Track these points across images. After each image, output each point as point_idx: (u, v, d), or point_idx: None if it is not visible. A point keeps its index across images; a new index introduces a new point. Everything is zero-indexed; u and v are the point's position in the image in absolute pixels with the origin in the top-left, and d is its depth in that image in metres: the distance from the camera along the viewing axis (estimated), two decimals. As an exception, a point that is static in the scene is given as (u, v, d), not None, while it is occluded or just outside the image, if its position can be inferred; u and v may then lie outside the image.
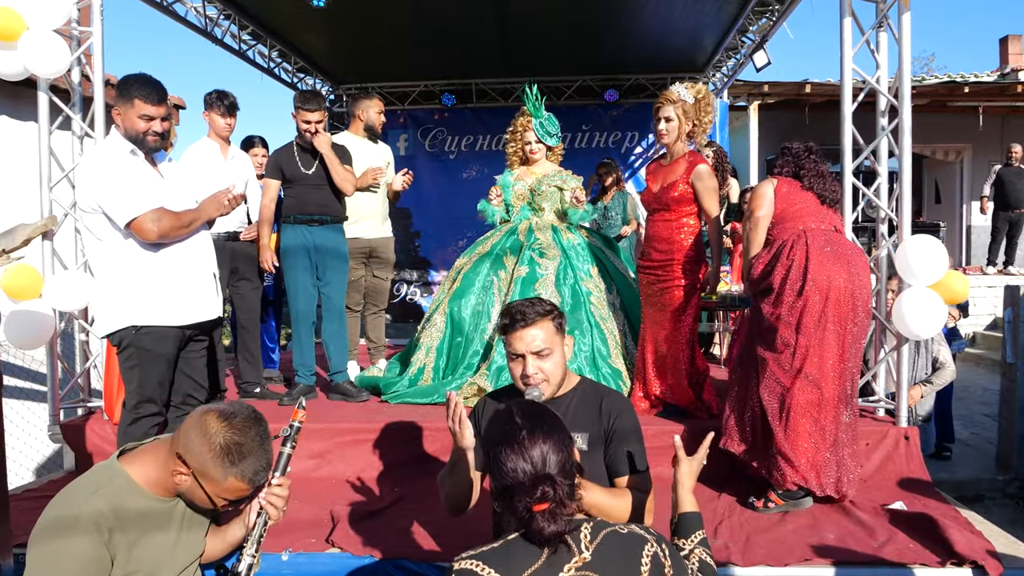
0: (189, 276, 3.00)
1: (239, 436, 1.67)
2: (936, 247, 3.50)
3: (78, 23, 4.06)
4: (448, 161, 8.91)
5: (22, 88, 4.72)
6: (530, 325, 2.06)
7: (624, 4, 6.15)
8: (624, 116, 8.78)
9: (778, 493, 3.14)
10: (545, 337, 2.07)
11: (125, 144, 2.92)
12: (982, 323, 9.23)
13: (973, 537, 2.80)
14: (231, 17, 6.29)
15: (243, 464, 1.66)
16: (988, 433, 5.85)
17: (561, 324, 2.14)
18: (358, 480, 3.57)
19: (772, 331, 3.13)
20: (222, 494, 1.70)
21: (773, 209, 3.27)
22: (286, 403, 4.27)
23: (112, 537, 1.61)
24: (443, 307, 4.47)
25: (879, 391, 3.93)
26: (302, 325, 4.37)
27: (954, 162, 11.78)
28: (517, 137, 4.61)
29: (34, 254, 3.92)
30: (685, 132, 3.79)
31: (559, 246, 4.43)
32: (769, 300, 3.16)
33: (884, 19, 3.86)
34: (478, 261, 4.53)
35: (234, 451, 1.66)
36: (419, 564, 2.72)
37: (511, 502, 1.45)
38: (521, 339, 2.07)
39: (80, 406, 4.14)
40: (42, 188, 4.00)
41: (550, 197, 4.56)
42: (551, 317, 2.11)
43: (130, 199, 2.82)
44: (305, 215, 4.25)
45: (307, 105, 4.16)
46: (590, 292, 4.31)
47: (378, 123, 4.98)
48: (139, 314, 2.91)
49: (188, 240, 3.00)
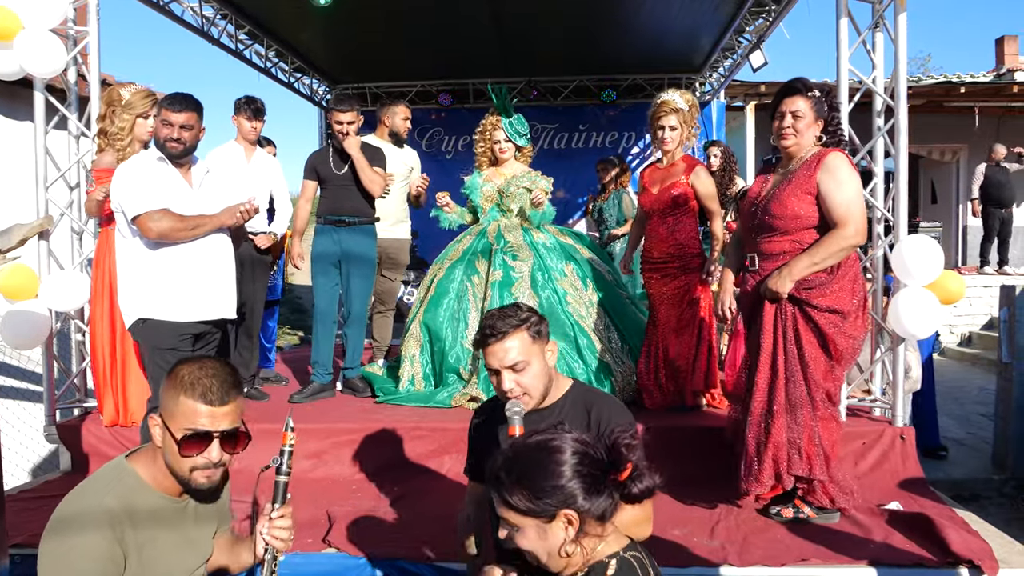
0: (200, 274, 3.11)
1: (196, 369, 1.66)
2: (932, 247, 3.51)
3: (74, 22, 4.05)
4: (445, 161, 8.91)
5: (18, 87, 4.70)
6: (502, 339, 1.95)
7: (621, 4, 6.15)
8: (621, 116, 8.79)
9: (813, 508, 3.02)
10: (520, 349, 1.95)
11: (155, 153, 3.11)
12: (978, 323, 9.26)
13: (969, 537, 2.81)
14: (228, 16, 6.28)
15: (196, 386, 1.63)
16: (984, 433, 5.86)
17: (540, 331, 2.01)
18: (355, 480, 3.57)
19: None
20: (182, 424, 1.63)
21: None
22: (296, 401, 4.29)
23: (125, 535, 1.61)
24: (419, 317, 4.46)
25: (875, 391, 3.93)
26: (321, 324, 4.43)
27: (950, 162, 11.81)
28: (486, 137, 4.56)
29: (30, 254, 3.92)
30: (684, 138, 3.94)
31: (530, 246, 4.42)
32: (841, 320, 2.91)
33: (880, 19, 3.87)
34: (450, 267, 4.51)
35: (187, 377, 1.65)
36: (416, 564, 2.72)
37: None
38: (494, 354, 1.96)
39: (76, 406, 4.13)
40: (38, 188, 3.99)
41: (518, 198, 4.49)
42: (526, 326, 1.98)
43: (139, 197, 2.98)
44: (335, 215, 4.34)
45: (340, 106, 4.28)
46: (566, 292, 4.30)
47: (403, 129, 5.10)
48: (147, 308, 3.05)
49: (204, 240, 3.10)
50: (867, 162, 3.97)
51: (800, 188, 2.85)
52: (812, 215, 2.85)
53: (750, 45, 6.83)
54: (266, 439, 3.64)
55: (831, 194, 2.79)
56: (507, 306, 2.08)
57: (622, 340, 4.29)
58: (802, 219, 2.86)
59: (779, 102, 2.94)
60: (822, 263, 2.81)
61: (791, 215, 2.86)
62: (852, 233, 2.77)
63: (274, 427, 3.71)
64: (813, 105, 2.88)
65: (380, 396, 4.34)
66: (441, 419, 3.85)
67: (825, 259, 2.80)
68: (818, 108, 2.89)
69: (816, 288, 2.83)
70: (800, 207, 2.85)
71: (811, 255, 2.80)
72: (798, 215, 2.85)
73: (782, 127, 2.91)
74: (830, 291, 2.83)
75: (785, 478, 2.93)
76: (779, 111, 2.93)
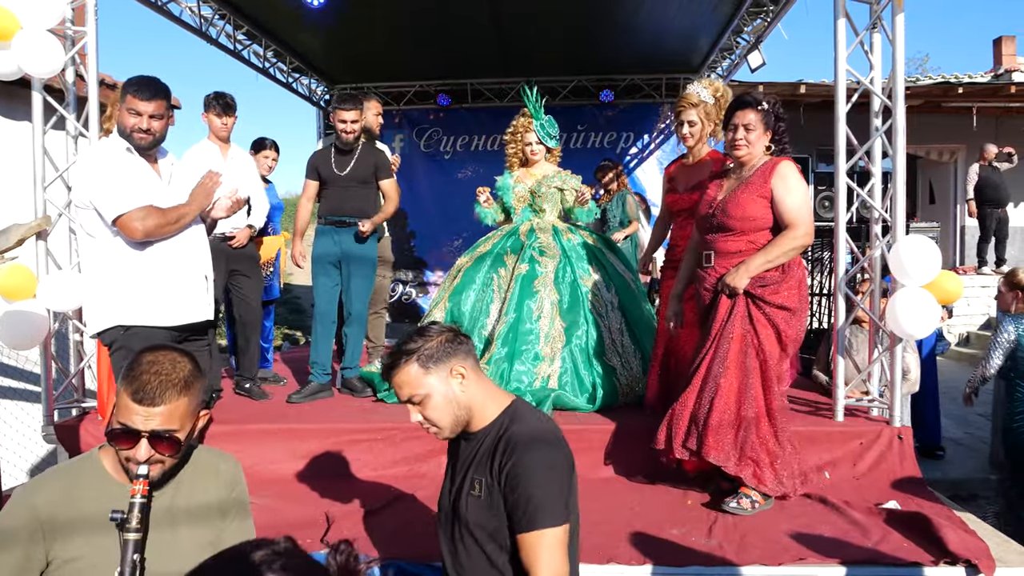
0: (179, 276, 2.99)
1: (147, 363, 1.59)
2: (930, 247, 3.52)
3: (72, 23, 4.05)
4: (444, 161, 8.91)
5: (15, 87, 4.70)
6: (392, 374, 1.82)
7: (620, 5, 6.16)
8: (619, 116, 8.79)
9: (760, 493, 3.11)
10: (411, 382, 1.79)
11: (121, 142, 2.92)
12: (976, 323, 9.28)
13: (967, 536, 2.82)
14: (226, 17, 6.29)
15: (134, 382, 1.57)
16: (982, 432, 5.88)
17: (433, 356, 1.80)
18: (353, 480, 3.57)
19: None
20: (117, 416, 1.58)
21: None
22: (294, 400, 4.30)
23: (57, 517, 1.57)
24: (443, 303, 4.52)
25: (873, 391, 3.94)
26: (321, 324, 4.43)
27: (948, 162, 11.82)
28: (518, 138, 4.63)
29: (28, 254, 3.91)
30: (708, 133, 3.86)
31: (559, 246, 4.48)
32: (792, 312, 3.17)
33: (878, 20, 3.88)
34: (479, 260, 4.57)
35: (134, 370, 1.58)
36: (414, 564, 2.72)
37: None
38: (395, 388, 1.84)
39: (74, 406, 4.13)
40: (36, 188, 3.99)
41: (551, 198, 4.59)
42: (414, 358, 1.79)
43: (118, 196, 2.82)
44: (336, 216, 4.34)
45: (343, 104, 4.32)
46: (588, 290, 4.35)
47: (375, 125, 5.04)
48: (127, 314, 2.91)
49: (179, 239, 2.98)
50: (865, 163, 3.98)
51: (755, 192, 3.09)
52: (765, 217, 3.09)
53: (748, 46, 6.84)
54: (267, 439, 3.69)
55: (783, 199, 3.05)
56: (411, 331, 1.90)
57: (635, 344, 4.33)
58: (757, 220, 3.10)
59: (731, 115, 3.17)
60: (775, 260, 3.06)
61: (747, 216, 3.09)
62: (803, 233, 3.05)
63: (274, 427, 3.78)
64: (763, 117, 3.12)
65: (380, 393, 4.34)
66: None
67: (778, 257, 3.06)
68: (767, 120, 3.14)
69: (770, 286, 3.08)
70: (755, 210, 3.09)
71: (765, 253, 3.06)
72: (754, 217, 3.09)
73: (735, 139, 3.15)
74: (782, 289, 3.09)
75: (734, 458, 3.07)
76: (732, 123, 3.16)
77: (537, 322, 4.23)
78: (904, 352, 3.94)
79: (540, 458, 1.73)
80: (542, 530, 1.66)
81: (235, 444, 3.43)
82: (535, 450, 1.73)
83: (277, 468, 3.63)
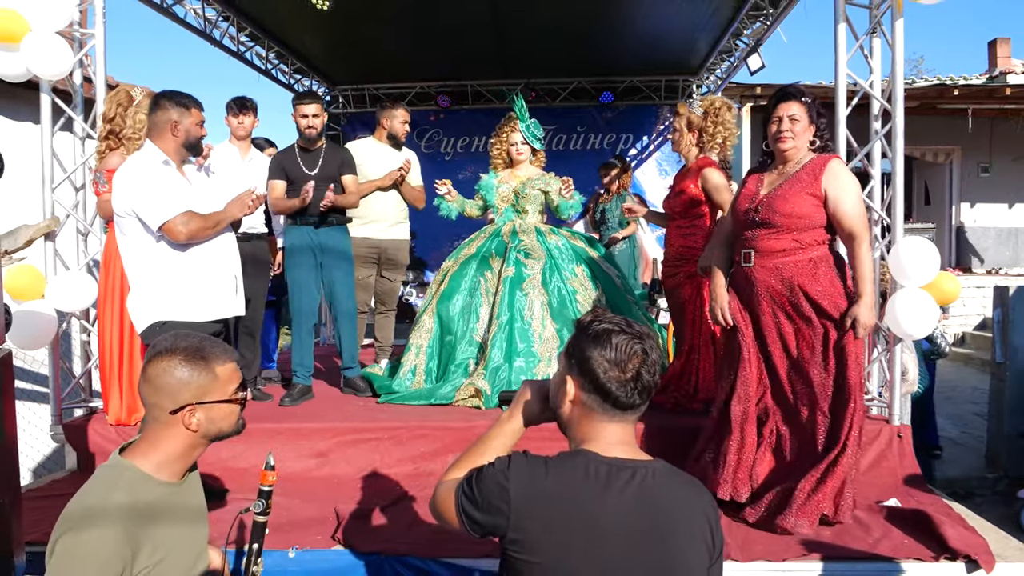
0: (213, 274, 3.17)
1: (184, 343, 1.67)
2: (928, 248, 3.57)
3: (80, 25, 4.08)
4: (444, 162, 8.94)
5: (19, 89, 4.72)
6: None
7: (619, 7, 6.20)
8: (618, 118, 8.84)
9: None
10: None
11: (158, 155, 3.11)
12: (971, 323, 9.34)
13: (966, 532, 2.87)
14: (230, 19, 6.32)
15: (212, 351, 1.67)
16: (978, 431, 5.94)
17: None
18: (361, 478, 3.60)
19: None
20: (226, 387, 1.68)
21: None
22: (286, 404, 4.29)
23: (137, 531, 1.63)
24: (431, 308, 4.53)
25: (872, 391, 3.99)
26: (303, 325, 4.39)
27: (943, 164, 11.89)
28: (503, 139, 4.68)
29: (36, 255, 3.95)
30: (692, 142, 3.98)
31: (544, 247, 4.50)
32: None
33: (877, 25, 3.93)
34: (464, 263, 4.57)
35: (195, 353, 1.65)
36: (423, 560, 2.76)
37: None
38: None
39: (82, 406, 4.15)
40: (44, 189, 4.01)
41: (534, 200, 4.61)
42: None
43: (162, 203, 3.01)
44: (313, 216, 4.30)
45: (302, 100, 4.34)
46: (575, 290, 4.38)
47: (402, 132, 5.07)
48: (164, 310, 3.09)
49: (213, 241, 3.17)
50: (863, 164, 4.03)
51: (805, 190, 2.96)
52: (813, 216, 2.96)
53: (747, 48, 6.88)
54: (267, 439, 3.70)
55: (842, 201, 2.92)
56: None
57: None
58: (804, 219, 2.96)
59: (775, 107, 3.03)
60: (870, 278, 2.94)
61: (795, 214, 2.95)
62: (868, 241, 2.95)
63: (276, 427, 3.79)
64: (807, 110, 2.99)
65: (382, 396, 4.36)
66: (444, 419, 3.88)
67: (869, 273, 2.94)
68: (811, 113, 3.00)
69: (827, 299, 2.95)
70: (804, 208, 2.95)
71: (864, 279, 2.89)
72: (801, 215, 2.95)
73: (780, 130, 2.99)
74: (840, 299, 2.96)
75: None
76: (775, 115, 3.02)
77: (530, 322, 4.27)
78: (903, 353, 3.99)
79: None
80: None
81: (241, 443, 3.46)
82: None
83: (284, 467, 3.63)
